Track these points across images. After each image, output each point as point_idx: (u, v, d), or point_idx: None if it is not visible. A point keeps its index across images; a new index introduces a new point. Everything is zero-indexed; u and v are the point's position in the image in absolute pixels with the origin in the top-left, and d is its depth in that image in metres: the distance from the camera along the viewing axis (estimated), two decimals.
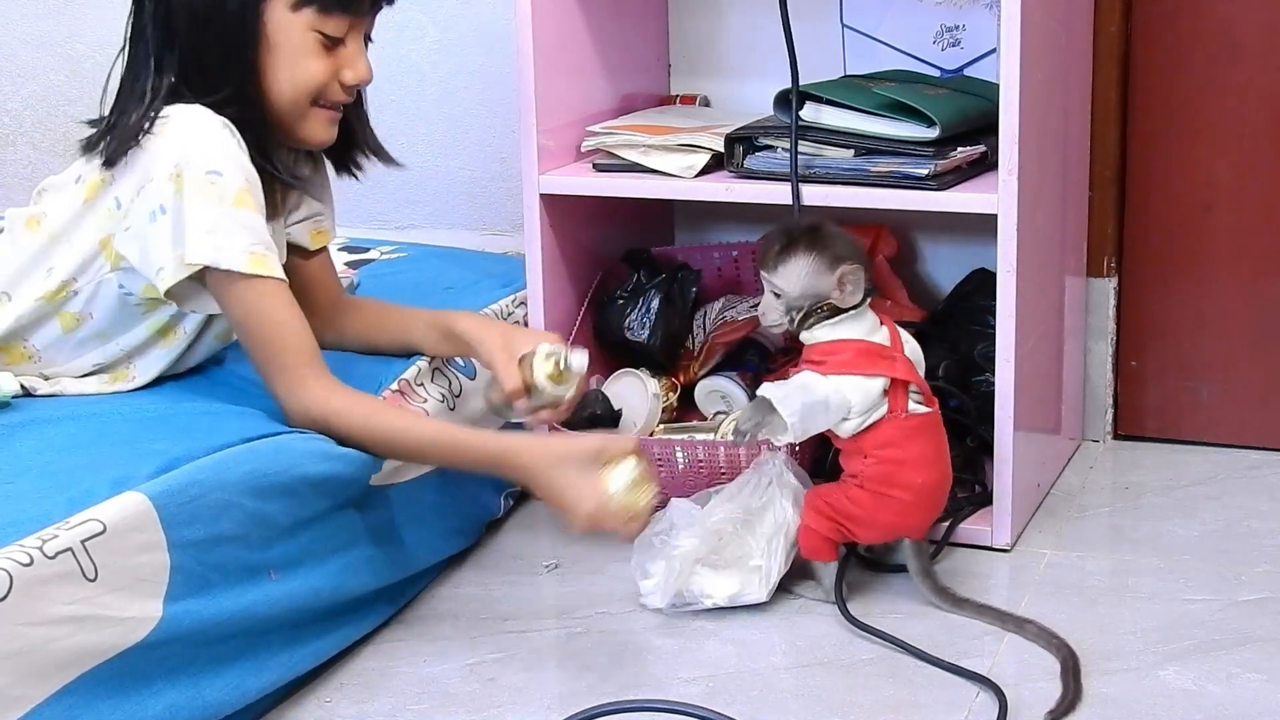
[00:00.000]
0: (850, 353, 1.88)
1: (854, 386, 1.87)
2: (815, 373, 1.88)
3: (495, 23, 2.67)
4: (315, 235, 2.09)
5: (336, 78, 1.90)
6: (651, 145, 2.20)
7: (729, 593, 1.92)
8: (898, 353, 1.91)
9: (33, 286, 1.89)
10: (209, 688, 1.62)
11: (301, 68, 1.87)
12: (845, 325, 1.89)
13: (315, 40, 1.87)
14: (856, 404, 1.87)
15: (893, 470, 1.89)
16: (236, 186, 1.79)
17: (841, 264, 1.87)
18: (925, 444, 1.91)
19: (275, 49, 1.86)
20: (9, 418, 1.81)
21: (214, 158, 1.78)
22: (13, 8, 3.00)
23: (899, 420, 1.88)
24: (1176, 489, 2.28)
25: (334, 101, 1.92)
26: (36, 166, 3.03)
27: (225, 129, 1.81)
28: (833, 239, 1.90)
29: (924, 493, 1.91)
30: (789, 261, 1.89)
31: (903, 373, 1.89)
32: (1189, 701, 1.71)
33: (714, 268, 2.46)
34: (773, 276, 1.90)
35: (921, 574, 1.92)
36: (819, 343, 1.90)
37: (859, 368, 1.87)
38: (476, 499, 2.13)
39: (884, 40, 2.42)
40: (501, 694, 1.77)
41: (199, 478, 1.63)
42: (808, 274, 1.88)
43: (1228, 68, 2.33)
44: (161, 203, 1.79)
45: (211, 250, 1.77)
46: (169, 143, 1.80)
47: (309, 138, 1.93)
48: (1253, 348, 2.41)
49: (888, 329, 1.92)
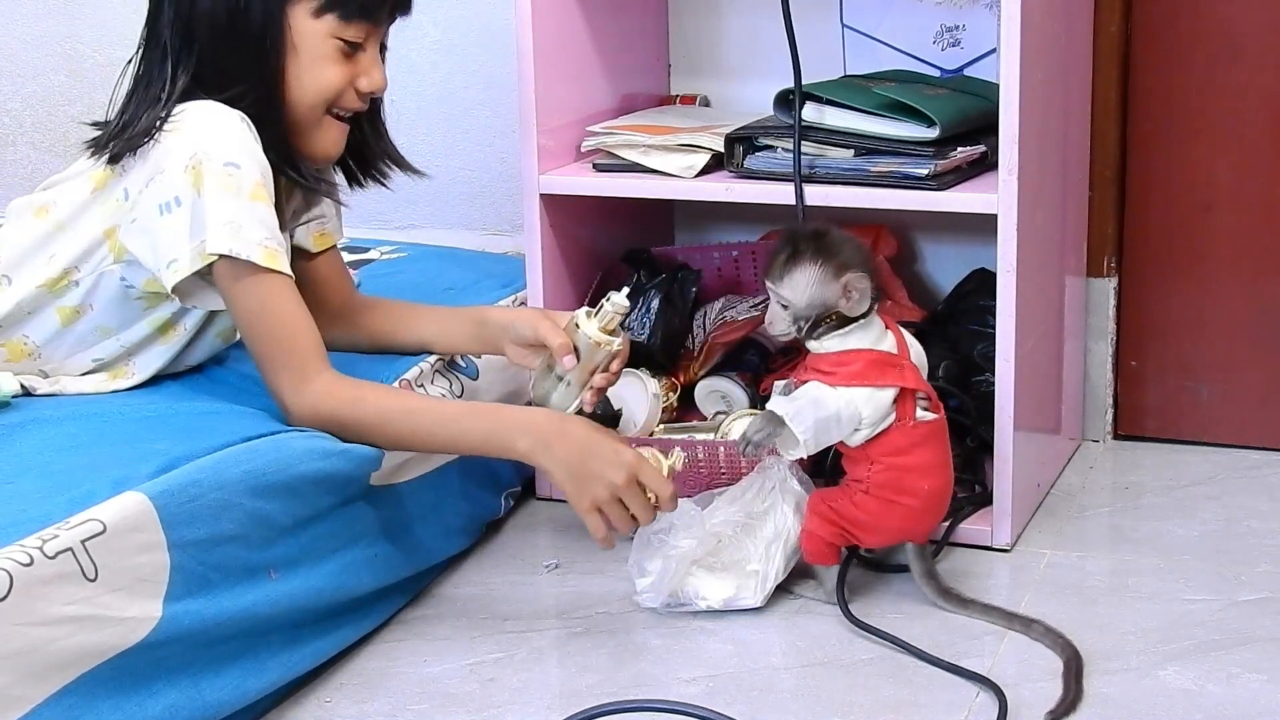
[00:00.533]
0: (861, 363, 1.86)
1: (865, 398, 1.85)
2: (825, 384, 1.85)
3: (495, 23, 2.68)
4: (318, 238, 2.09)
5: (353, 85, 1.90)
6: (651, 145, 2.20)
7: (724, 596, 1.92)
8: (905, 360, 1.89)
9: (34, 272, 1.89)
10: (209, 688, 1.62)
11: (321, 73, 1.87)
12: (855, 335, 1.87)
13: (335, 47, 1.87)
14: (868, 416, 1.85)
15: (900, 477, 1.88)
16: (253, 180, 1.79)
17: (847, 272, 1.85)
18: (932, 450, 1.90)
19: (297, 54, 1.86)
20: (9, 418, 1.81)
21: (231, 150, 1.79)
22: (13, 8, 3.00)
23: (907, 428, 1.87)
24: (1176, 489, 2.28)
25: (348, 109, 1.92)
26: (36, 166, 3.03)
27: (243, 122, 1.81)
28: (838, 246, 1.87)
29: (931, 498, 1.91)
30: (794, 272, 1.86)
31: (912, 381, 1.87)
32: (1189, 701, 1.71)
33: (714, 268, 2.46)
34: (778, 287, 1.87)
35: (925, 576, 1.92)
36: (829, 353, 1.87)
37: (870, 379, 1.85)
38: (477, 499, 2.13)
39: (884, 40, 2.42)
40: (501, 694, 1.77)
41: (199, 477, 1.63)
42: (814, 284, 1.86)
43: (1228, 68, 2.33)
44: (176, 195, 1.78)
45: (230, 240, 1.77)
46: (183, 136, 1.80)
47: (320, 149, 1.93)
48: (1253, 348, 2.41)
49: (894, 335, 1.90)
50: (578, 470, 1.80)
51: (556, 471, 1.81)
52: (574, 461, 1.80)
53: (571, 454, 1.80)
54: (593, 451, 1.79)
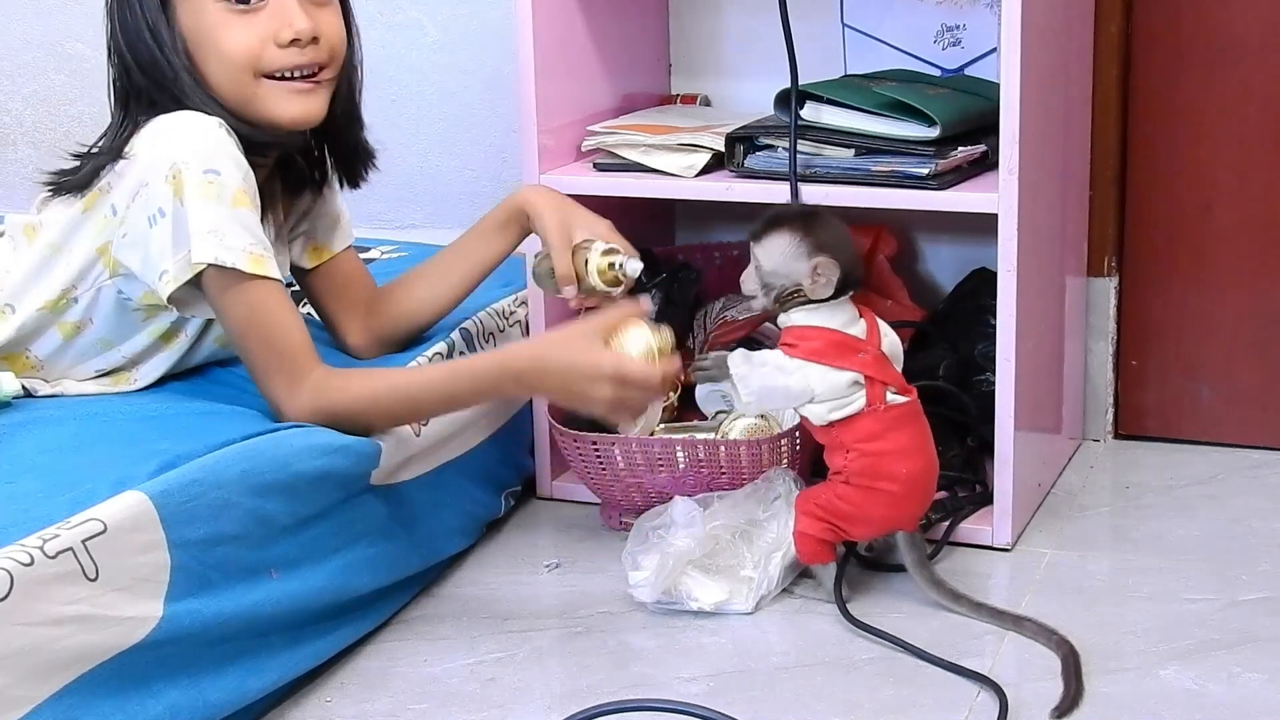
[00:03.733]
0: (821, 342, 1.88)
1: (819, 375, 1.88)
2: (785, 355, 1.89)
3: (495, 23, 2.68)
4: (311, 253, 2.09)
5: (268, 41, 1.83)
6: (652, 145, 2.20)
7: (715, 599, 1.92)
8: (871, 347, 1.90)
9: (35, 297, 1.88)
10: (209, 688, 1.62)
11: (221, 42, 1.82)
12: (822, 314, 1.90)
13: (222, 9, 1.82)
14: (820, 392, 1.88)
15: (876, 462, 1.89)
16: (234, 186, 1.78)
17: (821, 254, 1.87)
18: (908, 433, 1.91)
19: (197, 38, 1.83)
20: (10, 417, 1.81)
21: (211, 156, 1.77)
22: (13, 8, 3.00)
23: (879, 412, 1.89)
24: (1176, 489, 2.28)
25: (280, 68, 1.84)
26: (37, 166, 3.01)
27: (221, 128, 1.80)
28: (822, 228, 1.90)
29: (911, 482, 1.91)
30: (772, 237, 1.90)
31: (871, 368, 1.88)
32: (1189, 701, 1.71)
33: (714, 267, 2.46)
34: (756, 248, 1.92)
35: (917, 565, 1.92)
36: (795, 326, 1.91)
37: (827, 358, 1.88)
38: (477, 499, 2.13)
39: (884, 40, 2.42)
40: (501, 694, 1.77)
41: (198, 476, 1.63)
42: (784, 254, 1.89)
43: (1228, 68, 2.33)
44: (160, 206, 1.78)
45: (214, 249, 1.76)
46: (163, 146, 1.79)
47: (274, 116, 1.85)
48: (1253, 348, 2.41)
49: (866, 322, 1.92)
50: (567, 397, 1.83)
51: (552, 401, 1.85)
52: (560, 391, 1.83)
53: (555, 387, 1.82)
54: (573, 376, 1.79)
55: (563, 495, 2.28)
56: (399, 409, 1.87)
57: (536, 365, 1.82)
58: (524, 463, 2.26)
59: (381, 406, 1.85)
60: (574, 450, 2.11)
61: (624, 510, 2.14)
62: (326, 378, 1.83)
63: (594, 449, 2.09)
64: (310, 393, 1.82)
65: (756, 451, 2.04)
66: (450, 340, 2.12)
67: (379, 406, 1.85)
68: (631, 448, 2.08)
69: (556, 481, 2.29)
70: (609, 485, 2.12)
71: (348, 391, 1.83)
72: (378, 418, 1.85)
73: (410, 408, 1.88)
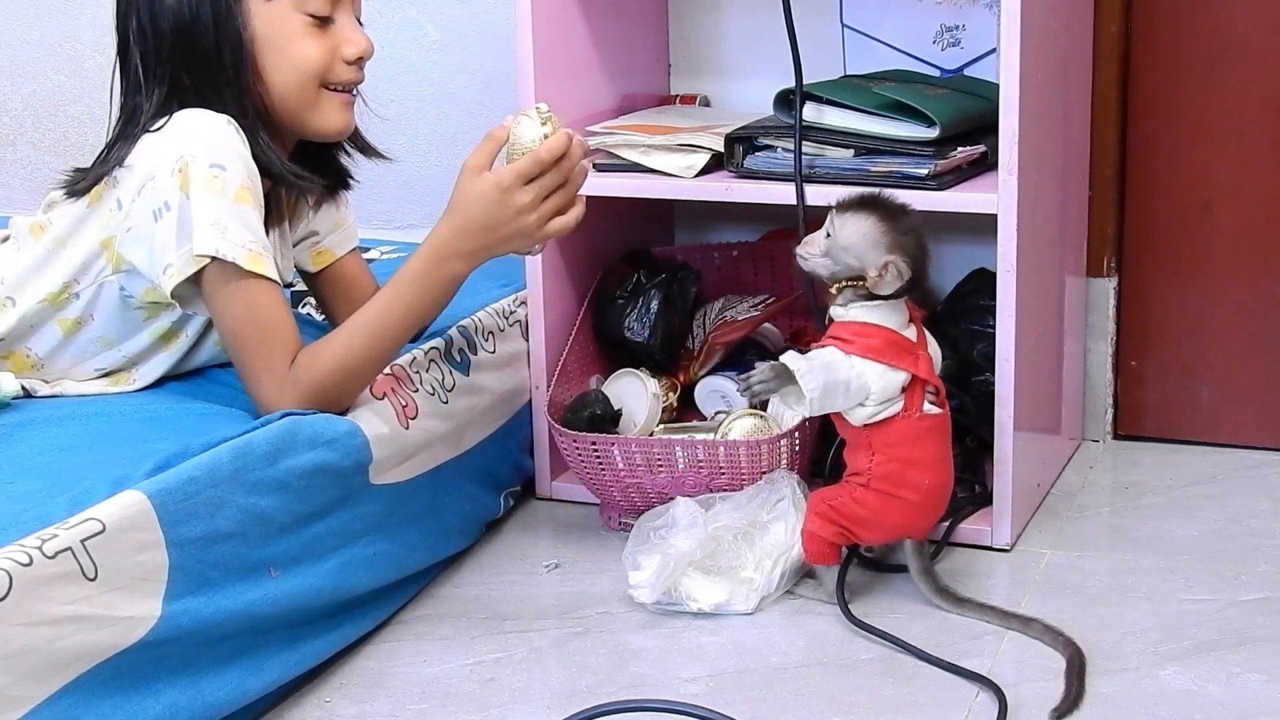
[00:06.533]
0: (880, 339, 1.86)
1: (877, 374, 1.86)
2: (840, 351, 1.86)
3: (495, 23, 2.68)
4: (315, 256, 2.10)
5: (337, 56, 1.90)
6: (651, 145, 2.20)
7: (715, 600, 1.92)
8: (922, 350, 1.90)
9: (36, 290, 1.89)
10: (209, 687, 1.62)
11: (298, 52, 1.87)
12: (880, 312, 1.88)
13: (303, 22, 1.87)
14: (875, 392, 1.86)
15: (902, 469, 1.88)
16: (238, 182, 1.79)
17: (897, 252, 1.85)
18: (935, 445, 1.90)
19: (266, 43, 1.86)
20: (9, 418, 1.81)
21: (217, 152, 1.79)
22: (13, 8, 3.00)
23: (913, 419, 1.88)
24: (1176, 489, 2.28)
25: (343, 82, 1.92)
26: (37, 166, 3.03)
27: (229, 125, 1.81)
28: (908, 229, 1.87)
29: (931, 494, 1.91)
30: (858, 215, 1.87)
31: (924, 371, 1.88)
32: (1189, 701, 1.71)
33: (714, 267, 2.47)
34: (838, 217, 1.88)
35: (922, 573, 1.92)
36: (852, 322, 1.88)
37: (885, 356, 1.86)
38: (476, 498, 2.13)
39: (884, 40, 2.42)
40: (501, 694, 1.77)
41: (194, 474, 1.63)
42: (863, 237, 1.86)
43: (1228, 68, 2.33)
44: (165, 199, 1.79)
45: (216, 241, 1.77)
46: (171, 141, 1.80)
47: (326, 125, 1.92)
48: (1253, 348, 2.41)
49: (916, 327, 1.91)
50: (502, 235, 1.85)
51: (495, 255, 1.86)
52: (490, 232, 1.84)
53: (481, 233, 1.84)
54: (487, 209, 1.83)
55: (562, 495, 2.28)
56: (371, 343, 1.86)
57: (455, 226, 1.84)
58: (523, 463, 2.26)
59: (353, 355, 1.85)
60: (573, 451, 2.11)
61: (623, 511, 2.14)
62: (302, 358, 1.85)
63: (593, 449, 2.09)
64: (293, 379, 1.83)
65: (756, 452, 2.04)
66: (448, 337, 2.12)
67: (351, 356, 1.85)
68: (631, 448, 2.08)
69: (556, 482, 2.29)
70: (608, 486, 2.12)
71: (320, 357, 1.84)
72: (356, 370, 1.86)
73: (380, 337, 1.87)
